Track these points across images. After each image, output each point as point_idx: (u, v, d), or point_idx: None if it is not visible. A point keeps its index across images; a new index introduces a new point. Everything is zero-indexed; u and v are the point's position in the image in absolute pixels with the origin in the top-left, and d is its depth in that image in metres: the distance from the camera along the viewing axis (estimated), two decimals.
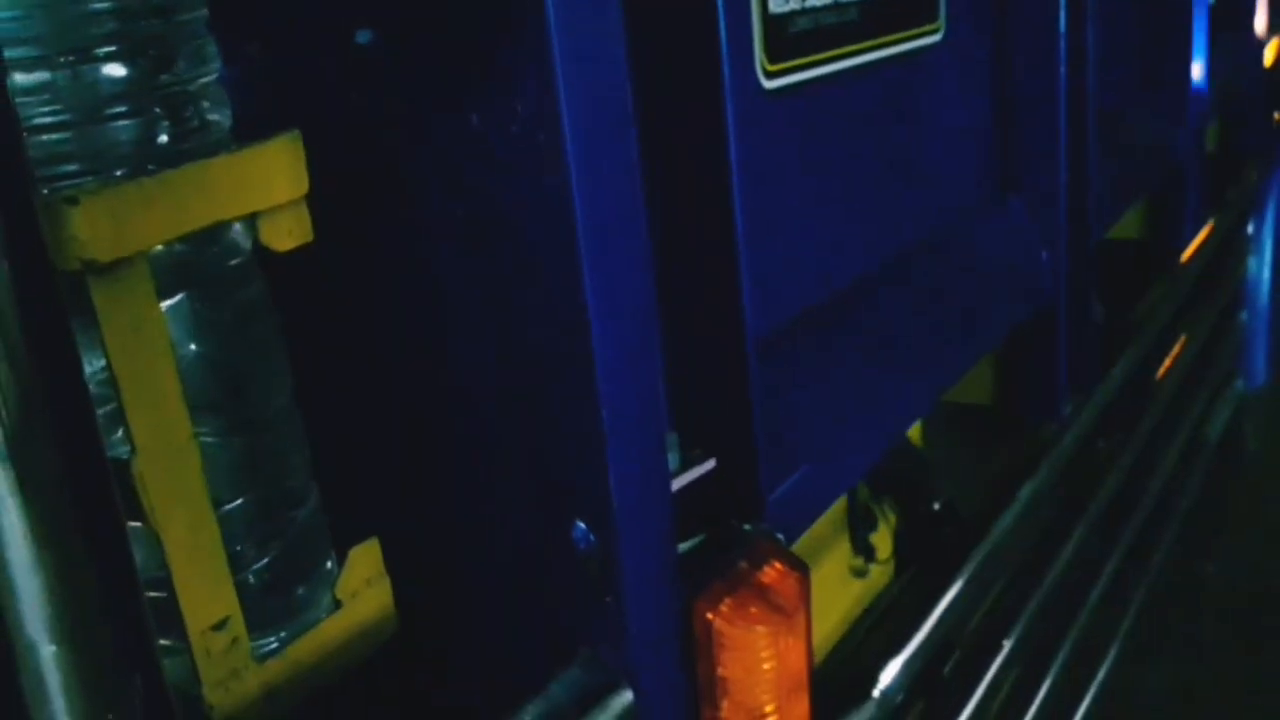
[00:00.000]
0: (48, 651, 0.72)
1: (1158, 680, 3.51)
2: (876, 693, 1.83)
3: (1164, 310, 3.13)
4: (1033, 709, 2.49)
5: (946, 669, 2.20)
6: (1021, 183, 1.95)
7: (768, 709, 1.10)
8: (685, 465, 1.12)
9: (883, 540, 2.77)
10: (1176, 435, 3.47)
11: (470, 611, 1.08)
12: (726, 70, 1.15)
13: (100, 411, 0.83)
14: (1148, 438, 3.12)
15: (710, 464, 1.14)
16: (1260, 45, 3.81)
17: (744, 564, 1.11)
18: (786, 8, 1.36)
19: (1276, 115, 4.47)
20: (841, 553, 2.84)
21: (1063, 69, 1.93)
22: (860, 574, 2.72)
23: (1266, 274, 4.45)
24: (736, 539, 1.14)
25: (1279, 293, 4.51)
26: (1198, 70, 2.87)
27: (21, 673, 0.72)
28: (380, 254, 1.04)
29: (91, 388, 0.78)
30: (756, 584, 1.10)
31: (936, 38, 1.71)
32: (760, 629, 1.07)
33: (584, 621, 1.00)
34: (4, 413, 0.71)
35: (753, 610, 1.08)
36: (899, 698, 1.92)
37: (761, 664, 1.08)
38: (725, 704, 1.07)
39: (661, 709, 1.02)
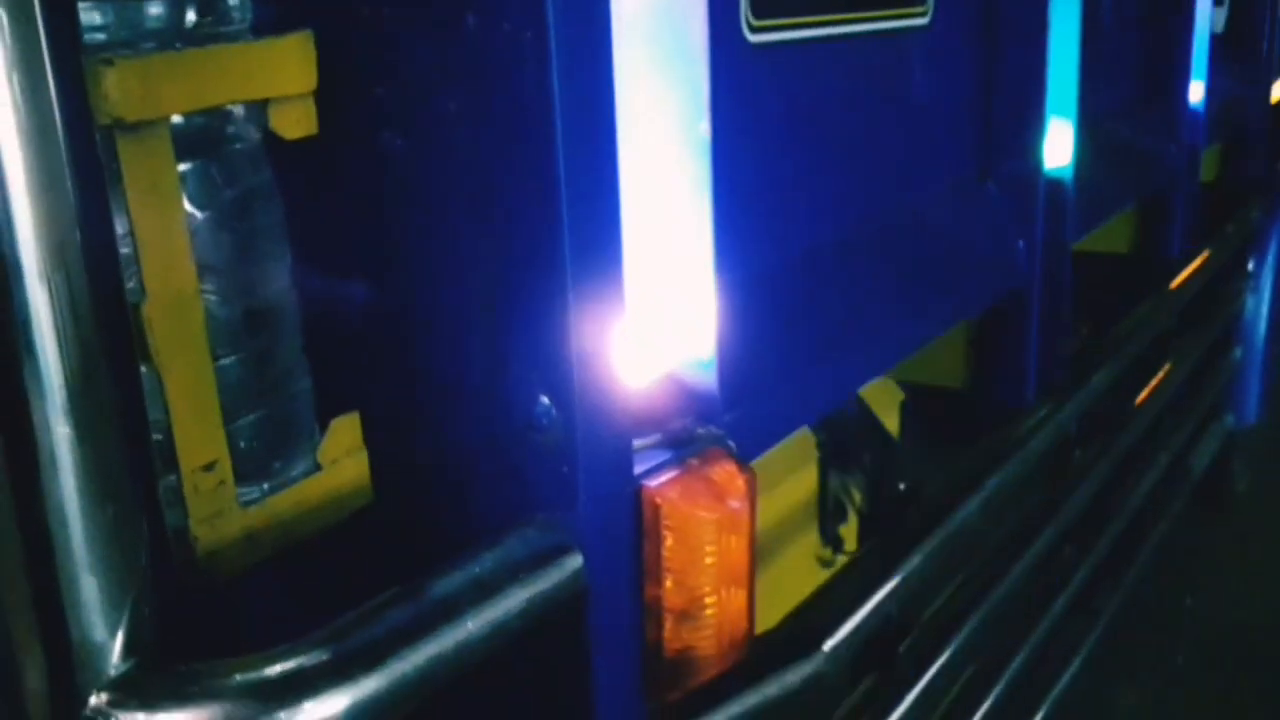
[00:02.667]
0: (60, 432, 0.85)
1: (1126, 700, 3.61)
2: (827, 646, 1.95)
3: (1150, 329, 3.25)
4: (986, 706, 2.58)
5: (901, 647, 2.30)
6: (1001, 172, 2.09)
7: (707, 596, 1.22)
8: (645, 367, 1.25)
9: (851, 533, 2.89)
10: (1158, 457, 3.58)
11: (440, 482, 1.20)
12: (709, 15, 1.29)
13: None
14: (1126, 453, 3.23)
15: (669, 367, 1.26)
16: (1266, 82, 3.96)
17: (695, 460, 1.24)
18: None
19: None
20: (810, 542, 2.96)
21: (1048, 64, 2.07)
22: (827, 564, 2.84)
23: (1265, 312, 4.56)
24: (691, 439, 1.27)
25: (1276, 332, 4.63)
26: (1196, 91, 3.01)
27: (39, 452, 0.85)
28: (377, 149, 1.17)
29: None
30: (705, 478, 1.22)
31: (923, 20, 1.86)
32: (705, 515, 1.19)
33: (542, 490, 1.12)
34: (44, 230, 0.85)
35: (699, 499, 1.20)
36: (848, 657, 2.03)
37: (704, 550, 1.21)
38: (668, 583, 1.19)
39: (609, 577, 1.14)
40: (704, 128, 1.27)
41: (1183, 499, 3.95)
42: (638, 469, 1.19)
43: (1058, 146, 2.17)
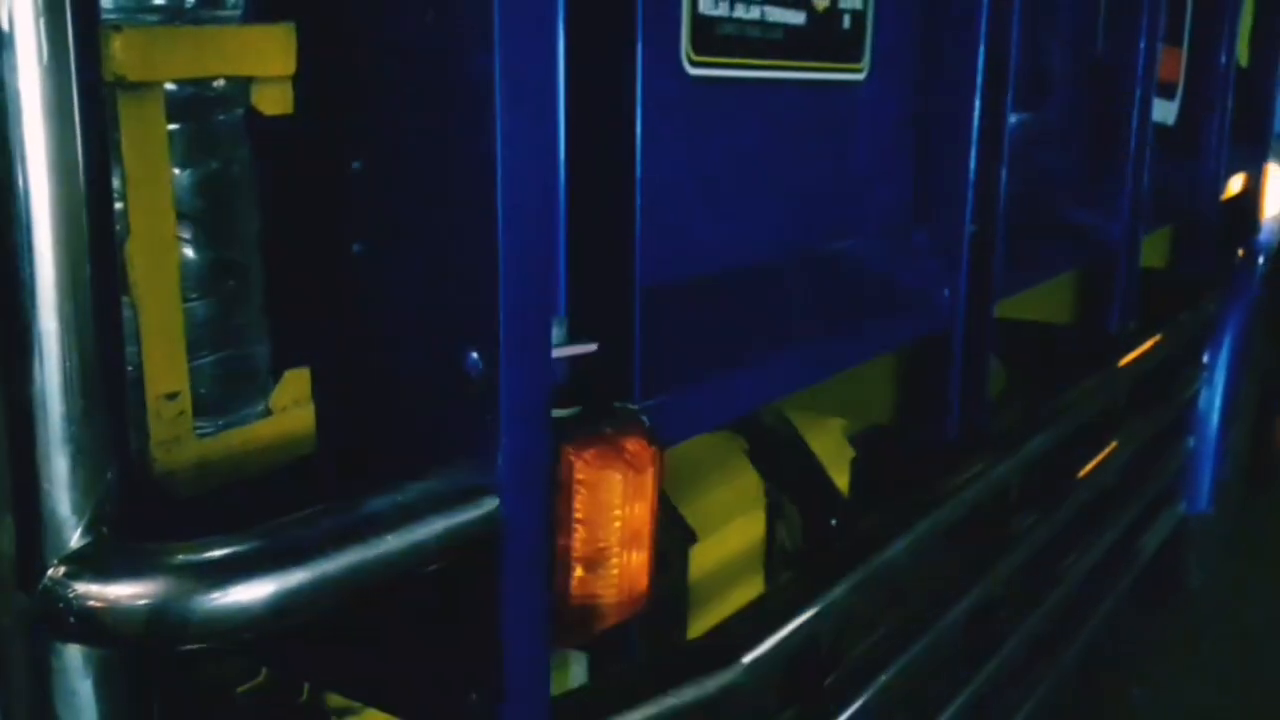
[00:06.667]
0: (48, 327, 1.04)
1: None
2: (746, 659, 2.11)
3: (1093, 403, 3.45)
4: None
5: (828, 680, 2.45)
6: (929, 222, 2.31)
7: (612, 552, 1.40)
8: (570, 343, 1.44)
9: None
10: (1103, 533, 3.76)
11: (377, 432, 1.38)
12: (641, 45, 1.50)
13: None
14: (1068, 523, 3.41)
15: (592, 346, 1.45)
16: (1217, 176, 4.24)
17: (610, 430, 1.42)
18: (715, 12, 1.73)
19: (1240, 251, 4.89)
20: (755, 587, 3.13)
21: (977, 126, 2.30)
22: None
23: (1218, 404, 4.79)
24: (608, 413, 1.45)
25: (1229, 424, 4.85)
26: (1139, 175, 3.26)
27: (29, 339, 1.03)
28: (341, 132, 1.37)
29: None
30: (618, 445, 1.41)
31: (859, 76, 2.09)
32: (614, 475, 1.37)
33: (467, 438, 1.30)
34: (54, 159, 1.04)
35: (611, 462, 1.38)
36: (768, 675, 2.18)
37: (612, 508, 1.38)
38: (578, 535, 1.37)
39: (523, 522, 1.31)
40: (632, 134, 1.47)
41: (1130, 580, 4.12)
42: (557, 430, 1.37)
43: (987, 204, 2.40)
